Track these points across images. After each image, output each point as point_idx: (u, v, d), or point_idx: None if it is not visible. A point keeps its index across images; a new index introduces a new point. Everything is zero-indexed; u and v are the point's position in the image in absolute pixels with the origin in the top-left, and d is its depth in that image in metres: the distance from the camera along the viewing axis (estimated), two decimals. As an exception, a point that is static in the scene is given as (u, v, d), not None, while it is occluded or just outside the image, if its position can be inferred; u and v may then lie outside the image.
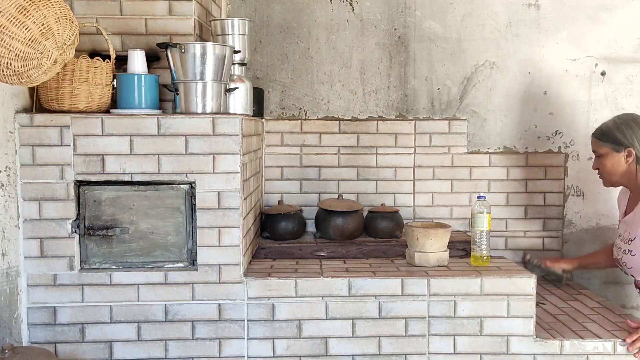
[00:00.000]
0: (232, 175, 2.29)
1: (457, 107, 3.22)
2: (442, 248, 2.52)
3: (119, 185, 2.29)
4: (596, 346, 2.34)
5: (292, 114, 3.21)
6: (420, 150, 3.18)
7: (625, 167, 2.57)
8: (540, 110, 3.22)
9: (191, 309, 2.32)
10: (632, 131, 2.55)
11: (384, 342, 2.36)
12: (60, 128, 2.25)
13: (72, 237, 2.28)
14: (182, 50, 2.30)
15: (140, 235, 2.32)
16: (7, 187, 2.19)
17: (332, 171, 3.18)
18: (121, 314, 2.30)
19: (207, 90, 2.33)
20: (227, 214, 2.30)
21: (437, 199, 3.19)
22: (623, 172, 2.59)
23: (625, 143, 2.55)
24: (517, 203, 3.21)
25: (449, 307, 2.35)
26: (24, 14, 1.88)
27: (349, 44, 3.19)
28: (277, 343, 2.34)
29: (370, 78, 3.21)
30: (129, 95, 2.32)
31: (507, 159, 3.21)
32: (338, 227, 2.84)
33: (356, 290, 2.34)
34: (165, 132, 2.26)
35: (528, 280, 2.35)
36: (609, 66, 3.21)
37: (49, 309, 2.29)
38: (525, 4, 3.19)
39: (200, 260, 2.31)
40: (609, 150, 2.59)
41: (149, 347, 2.32)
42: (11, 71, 1.91)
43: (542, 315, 2.59)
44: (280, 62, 3.19)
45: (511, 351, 2.36)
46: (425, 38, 3.20)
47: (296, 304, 2.34)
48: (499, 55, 3.20)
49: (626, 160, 2.56)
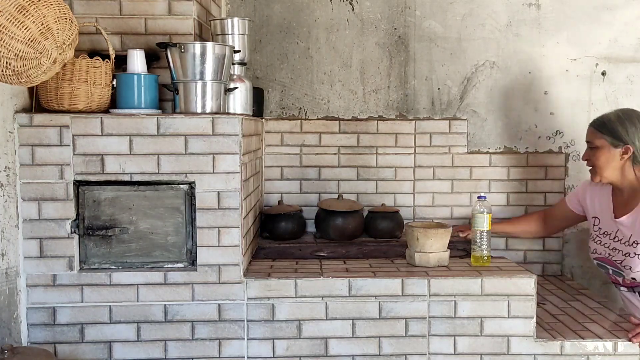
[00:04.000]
0: (232, 175, 2.28)
1: (457, 107, 3.22)
2: (443, 248, 2.51)
3: (119, 185, 2.29)
4: (597, 346, 2.34)
5: (292, 114, 3.21)
6: (420, 150, 3.17)
7: (618, 164, 2.50)
8: (541, 110, 3.22)
9: (191, 309, 2.31)
10: (635, 128, 2.47)
11: (384, 343, 2.35)
12: (60, 128, 2.25)
13: (72, 237, 2.28)
14: (182, 50, 2.30)
15: (139, 235, 2.31)
16: (6, 187, 2.18)
17: (332, 171, 3.17)
18: (121, 314, 2.30)
19: (207, 90, 2.33)
20: (227, 214, 2.29)
21: (437, 199, 3.19)
22: (615, 168, 2.51)
23: (625, 139, 2.48)
24: (517, 203, 3.20)
25: (449, 308, 2.34)
26: (24, 13, 1.88)
27: (349, 44, 3.19)
28: (277, 343, 2.34)
29: (370, 78, 3.21)
30: (129, 95, 2.31)
31: (507, 159, 3.21)
32: (338, 227, 2.84)
33: (356, 291, 2.34)
34: (164, 132, 2.26)
35: (529, 280, 2.34)
36: (609, 66, 3.21)
37: (49, 309, 2.29)
38: (525, 4, 3.18)
39: (200, 260, 2.30)
40: (606, 144, 2.51)
41: (149, 348, 2.32)
42: (10, 71, 1.91)
43: (543, 315, 2.58)
44: (280, 62, 3.19)
45: (511, 351, 2.35)
46: (426, 38, 3.19)
47: (296, 304, 2.33)
48: (499, 55, 3.20)
49: (621, 156, 2.49)
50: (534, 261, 3.21)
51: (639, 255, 2.47)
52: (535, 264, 3.20)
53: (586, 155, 2.62)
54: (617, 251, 2.56)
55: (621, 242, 2.54)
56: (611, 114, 2.56)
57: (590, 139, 2.59)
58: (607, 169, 2.52)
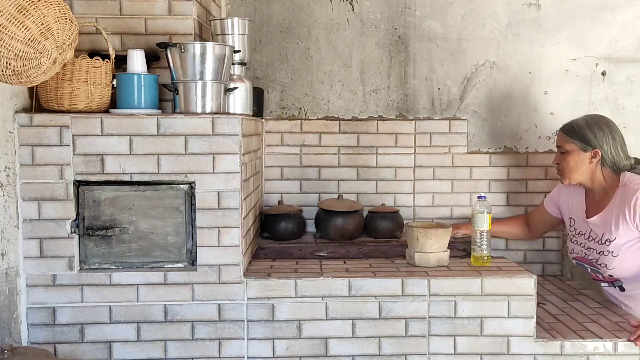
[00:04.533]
0: (232, 175, 2.28)
1: (457, 107, 3.22)
2: (443, 248, 2.51)
3: (119, 185, 2.29)
4: (597, 346, 2.34)
5: (292, 114, 3.20)
6: (420, 150, 3.17)
7: (587, 167, 2.57)
8: (541, 110, 3.22)
9: (191, 310, 2.31)
10: (603, 133, 2.54)
11: (384, 343, 2.35)
12: (60, 128, 2.25)
13: (72, 237, 2.28)
14: (182, 50, 2.30)
15: (139, 235, 2.31)
16: (6, 187, 2.18)
17: (332, 171, 3.17)
18: (121, 314, 2.30)
19: (207, 90, 2.33)
20: (227, 214, 2.29)
21: (437, 199, 3.19)
22: (584, 171, 2.58)
23: (593, 143, 2.54)
24: (517, 203, 3.20)
25: (449, 308, 2.34)
26: (24, 13, 1.88)
27: (349, 44, 3.19)
28: (277, 343, 2.34)
29: (370, 78, 3.20)
30: (129, 95, 2.31)
31: (507, 158, 3.21)
32: (338, 227, 2.84)
33: (356, 291, 2.34)
34: (164, 132, 2.26)
35: (529, 280, 2.34)
36: (609, 66, 3.21)
37: (49, 309, 2.29)
38: (525, 4, 3.18)
39: (200, 260, 2.30)
40: (576, 148, 2.58)
41: (149, 348, 2.32)
42: (10, 71, 1.91)
43: (543, 315, 2.58)
44: (280, 62, 3.19)
45: (512, 351, 2.35)
46: (426, 38, 3.19)
47: (296, 304, 2.33)
48: (499, 55, 3.20)
49: (590, 160, 2.56)
50: (534, 261, 3.21)
51: (612, 252, 2.52)
52: (535, 264, 3.21)
53: (557, 159, 2.69)
54: (592, 250, 2.61)
55: (595, 241, 2.60)
56: (580, 120, 2.63)
57: (560, 144, 2.66)
58: (577, 172, 2.60)
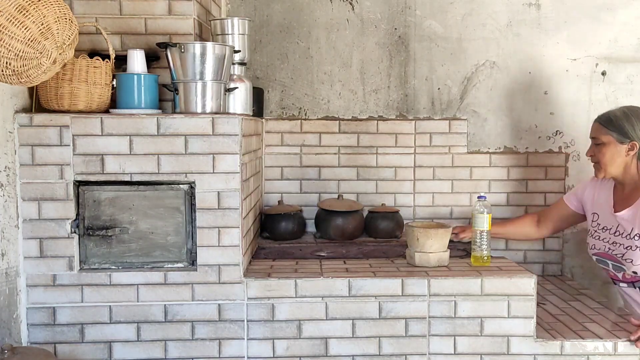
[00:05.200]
0: (232, 175, 2.28)
1: (457, 107, 3.22)
2: (443, 248, 2.51)
3: (119, 185, 2.29)
4: (597, 346, 2.34)
5: (292, 114, 3.21)
6: (420, 150, 3.17)
7: (623, 159, 2.52)
8: (541, 110, 3.22)
9: (191, 310, 2.31)
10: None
11: (384, 343, 2.35)
12: (60, 128, 2.25)
13: (72, 237, 2.28)
14: (182, 50, 2.30)
15: (139, 235, 2.31)
16: (6, 187, 2.18)
17: (332, 171, 3.17)
18: (121, 314, 2.30)
19: (207, 90, 2.33)
20: (227, 214, 2.29)
21: (437, 199, 3.19)
22: (619, 164, 2.53)
23: (631, 135, 2.49)
24: (517, 203, 3.20)
25: (449, 308, 2.34)
26: (24, 13, 1.88)
27: (349, 44, 3.19)
28: (277, 343, 2.34)
29: (371, 78, 3.20)
30: (129, 95, 2.31)
31: (507, 158, 3.21)
32: (338, 227, 2.84)
33: (356, 291, 2.34)
34: (164, 132, 2.26)
35: (529, 280, 2.34)
36: (609, 66, 3.21)
37: (49, 309, 2.29)
38: (525, 4, 3.18)
39: (200, 260, 2.30)
40: (612, 140, 2.52)
41: (149, 348, 2.32)
42: (10, 71, 1.91)
43: (543, 315, 2.58)
44: (280, 62, 3.19)
45: (511, 351, 2.35)
46: (426, 38, 3.19)
47: (296, 304, 2.33)
48: (500, 55, 3.20)
49: (627, 152, 2.51)
50: (534, 261, 3.21)
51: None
52: (535, 264, 3.21)
53: (591, 151, 2.62)
54: (617, 245, 2.56)
55: (622, 235, 2.55)
56: (617, 111, 2.56)
57: (595, 135, 2.59)
58: (613, 165, 2.53)
